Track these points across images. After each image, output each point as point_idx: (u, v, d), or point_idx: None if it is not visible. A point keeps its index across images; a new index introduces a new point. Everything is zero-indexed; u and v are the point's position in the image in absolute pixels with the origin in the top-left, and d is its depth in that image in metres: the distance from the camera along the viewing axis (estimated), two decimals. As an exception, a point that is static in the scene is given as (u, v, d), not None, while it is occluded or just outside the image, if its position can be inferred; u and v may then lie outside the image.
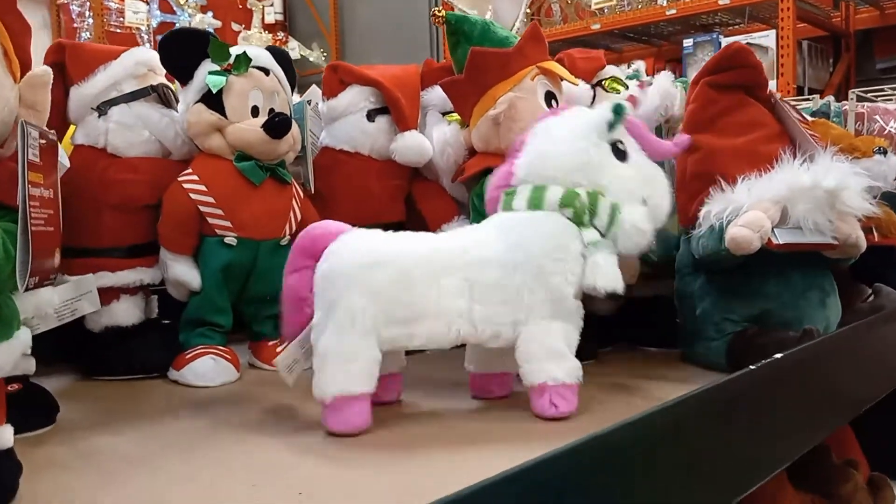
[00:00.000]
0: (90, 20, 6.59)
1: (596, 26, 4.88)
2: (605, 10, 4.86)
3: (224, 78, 1.47)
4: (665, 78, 1.65)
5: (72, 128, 1.58)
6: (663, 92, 1.61)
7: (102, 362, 1.50)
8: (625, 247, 1.18)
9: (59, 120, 1.52)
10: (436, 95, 1.72)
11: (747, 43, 2.67)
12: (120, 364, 1.48)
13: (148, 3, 6.68)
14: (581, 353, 1.49)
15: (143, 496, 0.92)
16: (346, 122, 1.70)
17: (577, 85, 1.62)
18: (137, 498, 0.92)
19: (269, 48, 1.62)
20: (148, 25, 6.57)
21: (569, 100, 1.60)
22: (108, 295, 1.48)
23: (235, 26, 7.11)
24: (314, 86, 1.89)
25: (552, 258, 1.16)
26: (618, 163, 1.21)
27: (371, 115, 1.69)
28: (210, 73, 1.47)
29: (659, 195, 1.22)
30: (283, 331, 1.22)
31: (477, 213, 1.56)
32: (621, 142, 1.22)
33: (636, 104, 1.33)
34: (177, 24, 6.62)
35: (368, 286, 1.11)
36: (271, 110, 1.52)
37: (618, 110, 1.21)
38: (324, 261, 1.15)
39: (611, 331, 1.64)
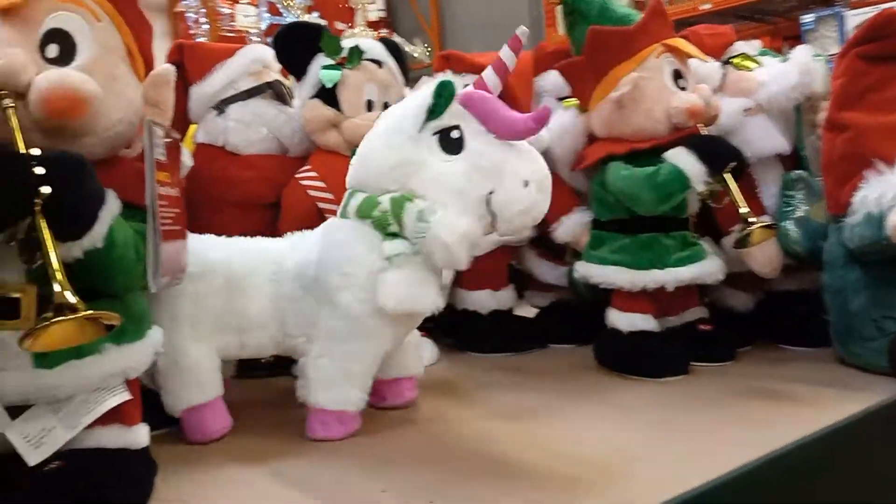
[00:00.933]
0: (205, 26, 6.88)
1: (706, 6, 4.63)
2: (717, -11, 4.61)
3: (338, 72, 1.45)
4: (803, 52, 1.50)
5: (192, 126, 1.61)
6: (802, 67, 1.47)
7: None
8: (434, 261, 1.01)
9: (181, 119, 1.55)
10: (550, 80, 1.64)
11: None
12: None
13: (257, 7, 6.90)
14: (717, 354, 1.41)
15: (270, 493, 0.92)
16: (454, 112, 1.65)
17: (706, 62, 1.50)
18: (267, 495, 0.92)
19: (381, 39, 1.59)
20: (258, 28, 6.79)
21: (697, 79, 1.49)
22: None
23: (340, 25, 7.24)
24: (425, 77, 1.85)
25: (339, 272, 1.04)
26: (446, 157, 1.02)
27: (485, 104, 1.63)
28: (323, 67, 1.46)
29: (508, 188, 1.00)
30: None
31: (599, 203, 1.48)
32: (456, 128, 1.03)
33: (483, 85, 1.08)
34: (284, 26, 6.80)
35: (193, 295, 1.07)
36: (385, 104, 1.49)
37: (440, 92, 1.02)
38: None
39: (750, 328, 1.53)
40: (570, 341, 1.63)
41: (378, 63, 1.50)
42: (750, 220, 1.29)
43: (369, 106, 1.48)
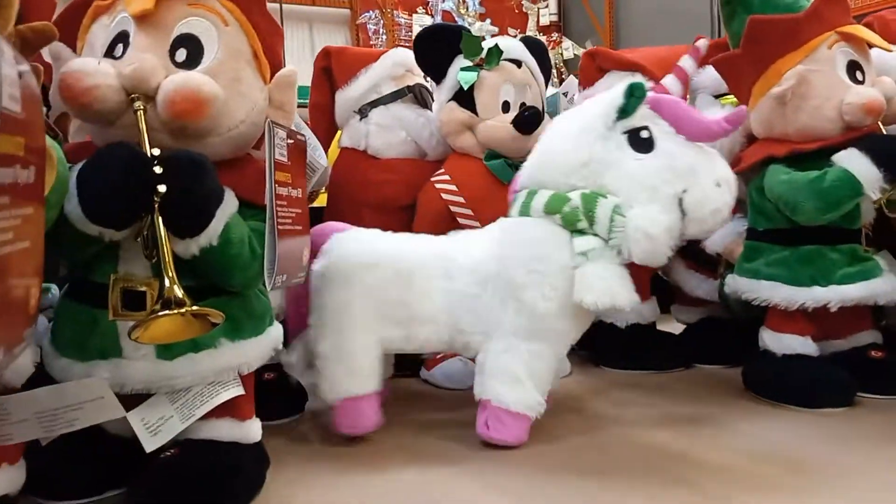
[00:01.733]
0: (384, 36, 7.18)
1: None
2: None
3: (475, 74, 1.43)
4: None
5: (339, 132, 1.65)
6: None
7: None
8: (632, 254, 0.99)
9: (328, 124, 1.60)
10: (708, 76, 1.52)
11: None
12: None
13: (433, 16, 7.10)
14: (888, 384, 1.22)
15: (364, 492, 0.91)
16: (603, 112, 1.57)
17: (890, 52, 1.32)
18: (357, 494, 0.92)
19: (523, 38, 1.55)
20: (434, 37, 6.99)
21: (879, 71, 1.31)
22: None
23: (512, 31, 7.27)
24: (571, 76, 1.78)
25: (526, 270, 1.02)
26: (637, 155, 1.02)
27: (632, 103, 1.54)
28: (462, 69, 1.44)
29: (702, 187, 0.99)
30: (290, 328, 1.15)
31: (756, 211, 1.34)
32: (645, 128, 1.03)
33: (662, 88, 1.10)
34: (460, 34, 6.94)
35: (364, 285, 1.07)
36: (522, 104, 1.44)
37: (632, 92, 1.02)
38: (319, 260, 1.11)
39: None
40: (719, 362, 1.50)
41: (517, 63, 1.46)
42: None
43: (506, 107, 1.44)
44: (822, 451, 1.00)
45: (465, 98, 1.44)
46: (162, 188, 0.80)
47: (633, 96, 1.03)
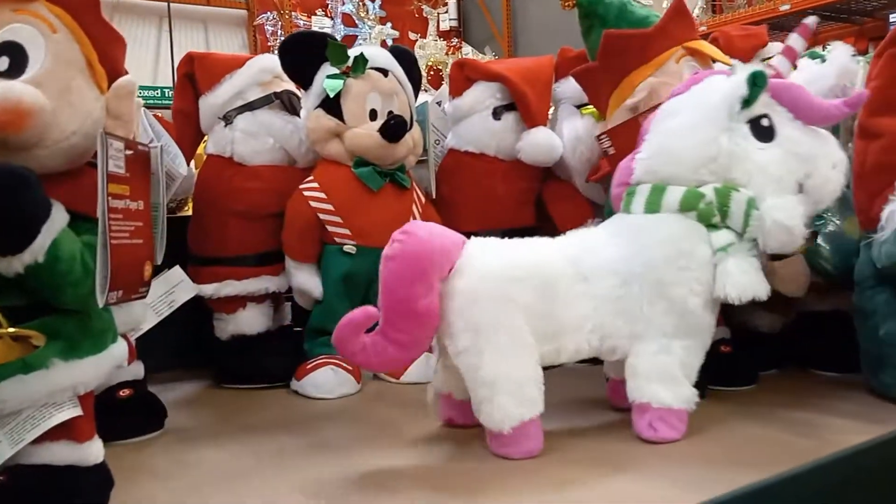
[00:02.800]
0: (282, 38, 7.06)
1: (786, 7, 4.39)
2: (798, -12, 4.37)
3: (341, 81, 1.42)
4: (842, 52, 1.37)
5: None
6: (840, 69, 1.34)
7: (228, 370, 1.51)
8: (768, 246, 1.02)
9: (193, 130, 1.56)
10: (571, 87, 1.57)
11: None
12: (244, 373, 1.48)
13: (332, 19, 7.04)
14: (737, 377, 1.30)
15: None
16: (471, 121, 1.60)
17: (731, 66, 1.39)
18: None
19: (391, 48, 1.56)
20: (333, 39, 6.93)
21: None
22: (234, 303, 1.49)
23: (412, 35, 7.29)
24: (444, 86, 1.81)
25: (674, 267, 1.02)
26: (760, 145, 1.04)
27: (497, 113, 1.58)
28: (327, 76, 1.43)
29: (822, 171, 1.03)
30: (406, 353, 1.06)
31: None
32: (765, 116, 1.05)
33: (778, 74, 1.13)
34: (358, 37, 6.91)
35: (516, 301, 1.01)
36: (390, 112, 1.45)
37: (755, 80, 1.03)
38: (459, 277, 1.02)
39: (776, 350, 1.41)
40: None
41: (384, 72, 1.46)
42: None
43: (373, 115, 1.44)
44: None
45: (332, 106, 1.44)
46: (-26, 204, 0.76)
47: (757, 85, 1.03)
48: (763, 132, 1.04)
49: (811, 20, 1.16)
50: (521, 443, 1.01)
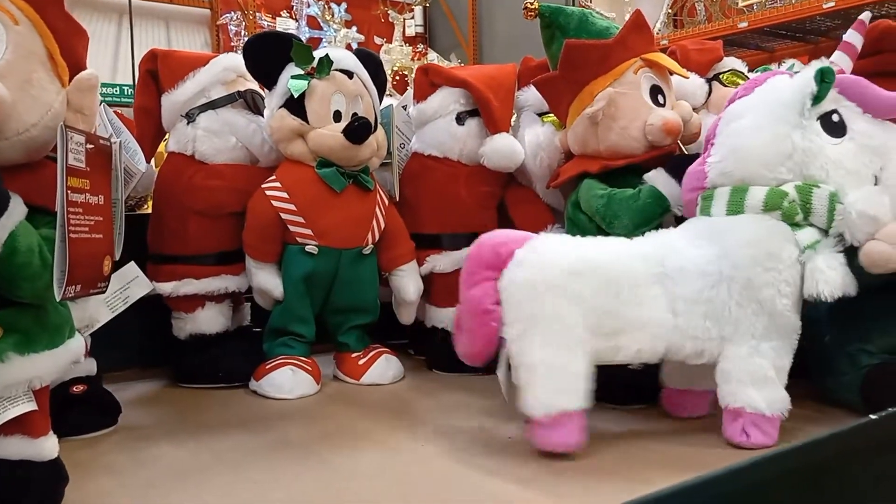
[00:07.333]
0: (246, 38, 7.00)
1: (743, 24, 4.50)
2: (755, 7, 4.49)
3: (305, 82, 1.43)
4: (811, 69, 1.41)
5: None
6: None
7: (186, 370, 1.50)
8: (856, 238, 1.01)
9: (155, 127, 1.55)
10: (533, 95, 1.59)
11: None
12: (202, 372, 1.48)
13: (297, 21, 7.00)
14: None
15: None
16: (434, 125, 1.62)
17: (687, 78, 1.44)
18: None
19: (357, 51, 1.57)
20: (297, 41, 6.88)
21: (679, 95, 1.43)
22: (192, 302, 1.48)
23: (378, 40, 7.29)
24: (409, 90, 1.82)
25: (763, 268, 1.02)
26: (833, 140, 1.05)
27: (461, 118, 1.59)
28: (292, 77, 1.44)
29: (895, 162, 1.04)
30: (468, 346, 1.10)
31: (572, 223, 1.42)
32: (835, 111, 1.06)
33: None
34: (323, 40, 6.89)
35: (574, 294, 1.03)
36: (354, 114, 1.46)
37: (823, 76, 1.04)
38: (516, 269, 1.05)
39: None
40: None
41: (349, 74, 1.47)
42: None
43: (337, 116, 1.45)
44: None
45: (296, 106, 1.44)
46: (-74, 197, 0.75)
47: (825, 81, 1.03)
48: (834, 127, 1.05)
49: (865, 15, 1.17)
50: (553, 433, 1.02)
